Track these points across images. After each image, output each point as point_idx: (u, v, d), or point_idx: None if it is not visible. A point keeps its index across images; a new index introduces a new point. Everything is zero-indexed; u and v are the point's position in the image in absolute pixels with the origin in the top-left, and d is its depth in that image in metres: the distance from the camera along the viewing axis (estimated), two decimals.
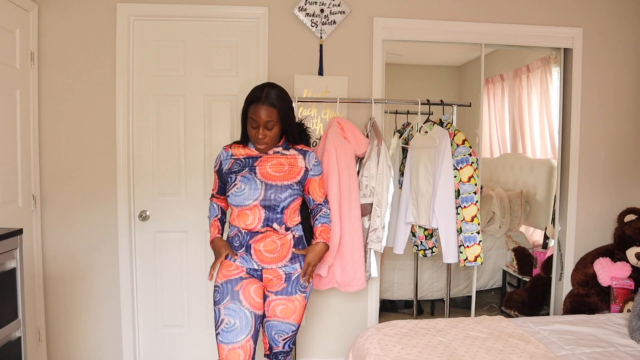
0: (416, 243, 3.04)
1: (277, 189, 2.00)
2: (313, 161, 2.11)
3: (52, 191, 2.80)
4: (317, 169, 2.13)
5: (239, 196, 2.00)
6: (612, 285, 2.90)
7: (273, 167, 2.05)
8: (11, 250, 1.99)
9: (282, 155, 2.09)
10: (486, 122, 3.51)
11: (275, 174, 2.03)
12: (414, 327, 2.24)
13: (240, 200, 2.00)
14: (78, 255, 2.85)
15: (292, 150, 2.11)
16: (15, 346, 2.03)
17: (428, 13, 2.94)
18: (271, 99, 1.96)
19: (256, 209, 2.00)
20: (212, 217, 2.19)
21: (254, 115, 1.96)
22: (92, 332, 2.89)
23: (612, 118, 3.13)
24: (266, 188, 2.00)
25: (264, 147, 2.02)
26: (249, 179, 2.01)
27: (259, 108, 1.95)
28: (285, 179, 2.03)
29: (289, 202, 2.02)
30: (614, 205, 3.14)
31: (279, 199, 2.00)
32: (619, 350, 2.06)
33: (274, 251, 2.03)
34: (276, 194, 2.00)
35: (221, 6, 2.81)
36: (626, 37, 3.11)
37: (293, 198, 2.04)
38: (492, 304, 3.55)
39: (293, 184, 2.04)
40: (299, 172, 2.07)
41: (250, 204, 2.00)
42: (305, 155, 2.11)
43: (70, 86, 2.79)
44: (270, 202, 2.00)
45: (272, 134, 1.99)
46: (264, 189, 2.00)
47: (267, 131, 1.99)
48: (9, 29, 2.49)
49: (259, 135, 1.98)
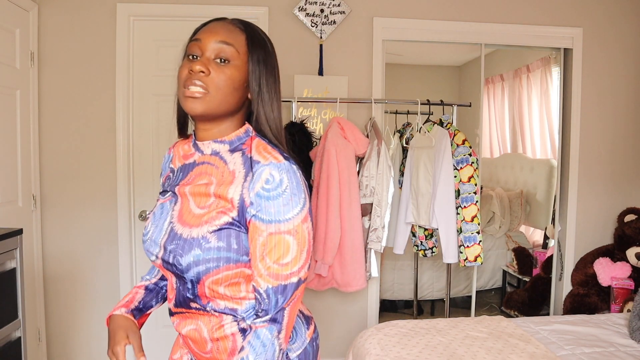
0: (416, 243, 3.04)
1: (178, 246, 0.98)
2: (262, 184, 0.94)
3: (52, 191, 2.80)
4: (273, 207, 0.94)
5: (145, 243, 1.07)
6: (612, 285, 2.90)
7: (194, 192, 1.02)
8: (11, 250, 1.99)
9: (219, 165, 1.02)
10: (486, 122, 3.51)
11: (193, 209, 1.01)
12: (414, 327, 2.24)
13: (145, 250, 1.07)
14: (78, 255, 2.85)
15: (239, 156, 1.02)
16: (15, 346, 2.03)
17: (428, 13, 2.94)
18: (241, 20, 1.05)
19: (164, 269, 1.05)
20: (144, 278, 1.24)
21: (198, 35, 1.01)
22: (92, 332, 2.89)
23: (612, 118, 3.13)
24: (168, 237, 1.01)
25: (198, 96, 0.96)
26: (162, 214, 1.06)
27: (212, 25, 1.02)
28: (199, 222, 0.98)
29: (197, 275, 0.97)
30: (614, 205, 3.14)
31: (180, 266, 0.98)
32: (619, 351, 2.06)
33: (203, 348, 1.05)
34: (175, 254, 0.98)
35: (221, 6, 2.81)
36: (626, 37, 3.11)
37: (207, 267, 0.96)
38: (492, 304, 3.55)
39: (206, 236, 0.96)
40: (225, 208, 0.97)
41: (155, 261, 1.05)
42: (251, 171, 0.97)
43: (70, 86, 2.79)
44: (173, 269, 1.00)
45: (223, 77, 0.98)
46: (165, 239, 1.01)
47: (218, 65, 0.98)
48: (9, 29, 2.49)
49: (197, 65, 0.96)
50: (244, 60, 1.00)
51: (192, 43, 1.01)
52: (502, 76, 3.54)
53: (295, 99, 2.74)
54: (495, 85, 3.56)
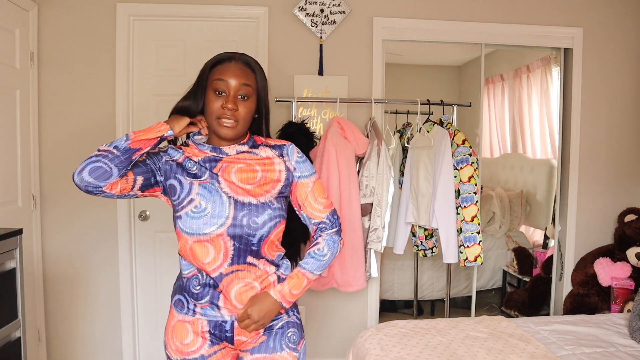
0: (416, 243, 3.04)
1: (252, 210, 1.35)
2: (295, 156, 1.45)
3: (52, 191, 2.80)
4: (306, 167, 1.45)
5: (198, 219, 1.33)
6: (612, 285, 2.90)
7: (240, 174, 1.39)
8: (11, 250, 1.99)
9: (252, 156, 1.43)
10: (486, 122, 3.51)
11: (244, 186, 1.37)
12: (414, 327, 2.24)
13: (198, 226, 1.33)
14: (78, 255, 2.84)
15: (264, 148, 1.46)
16: (15, 346, 2.03)
17: (428, 13, 2.94)
18: (247, 59, 1.42)
19: (220, 239, 1.34)
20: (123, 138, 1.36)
21: (222, 75, 1.36)
22: (92, 332, 2.89)
23: (612, 118, 3.13)
24: (235, 207, 1.35)
25: (231, 126, 1.35)
26: (211, 192, 1.35)
27: (230, 66, 1.38)
28: (260, 192, 1.38)
29: (268, 230, 1.37)
30: (614, 205, 3.14)
31: (254, 225, 1.35)
32: (619, 351, 2.06)
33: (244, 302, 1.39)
34: (250, 216, 1.35)
35: (221, 6, 2.81)
36: (626, 36, 3.10)
37: (275, 222, 1.38)
38: (492, 304, 3.55)
39: (272, 201, 1.39)
40: (278, 178, 1.41)
41: (213, 233, 1.33)
42: (283, 150, 1.45)
43: (70, 86, 2.78)
44: (242, 230, 1.34)
45: (246, 110, 1.37)
46: (233, 209, 1.34)
47: (241, 101, 1.37)
48: (9, 29, 2.49)
49: (229, 105, 1.34)
50: (256, 93, 1.40)
51: (219, 82, 1.36)
52: (502, 76, 3.54)
53: (295, 99, 2.74)
54: (495, 85, 3.56)
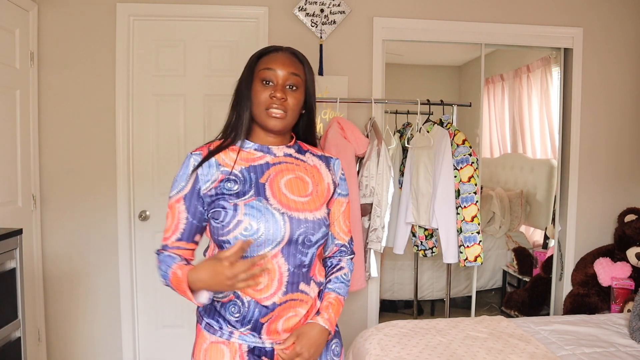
0: (416, 243, 3.04)
1: (308, 227, 1.22)
2: (340, 172, 1.37)
3: (52, 191, 2.80)
4: (345, 186, 1.37)
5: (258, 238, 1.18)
6: (612, 285, 2.90)
7: (290, 185, 1.25)
8: (11, 250, 1.99)
9: (299, 162, 1.30)
10: (486, 122, 3.51)
11: (297, 199, 1.24)
12: (414, 327, 2.24)
13: (252, 249, 1.18)
14: (78, 255, 2.84)
15: (310, 156, 1.34)
16: (15, 346, 2.03)
17: (428, 13, 2.94)
18: (294, 50, 1.33)
19: (275, 262, 1.20)
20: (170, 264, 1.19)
21: (270, 64, 1.25)
22: (92, 332, 2.89)
23: (612, 118, 3.13)
24: (291, 224, 1.20)
25: (280, 117, 1.22)
26: (261, 211, 1.19)
27: (277, 56, 1.27)
28: (315, 207, 1.25)
29: (318, 246, 1.26)
30: (614, 205, 3.14)
31: (308, 243, 1.22)
32: (619, 351, 2.06)
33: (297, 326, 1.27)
34: (306, 235, 1.21)
35: (221, 6, 2.81)
36: (626, 36, 3.10)
37: (324, 240, 1.29)
38: (492, 304, 3.55)
39: (325, 216, 1.28)
40: (328, 190, 1.31)
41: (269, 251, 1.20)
42: (330, 163, 1.36)
43: (70, 86, 2.78)
44: (297, 250, 1.21)
45: (295, 101, 1.24)
46: (289, 226, 1.20)
47: (290, 91, 1.24)
48: (9, 29, 2.49)
49: (278, 94, 1.21)
50: (304, 85, 1.28)
51: (267, 71, 1.24)
52: (502, 76, 3.54)
53: None
54: (495, 85, 3.56)
